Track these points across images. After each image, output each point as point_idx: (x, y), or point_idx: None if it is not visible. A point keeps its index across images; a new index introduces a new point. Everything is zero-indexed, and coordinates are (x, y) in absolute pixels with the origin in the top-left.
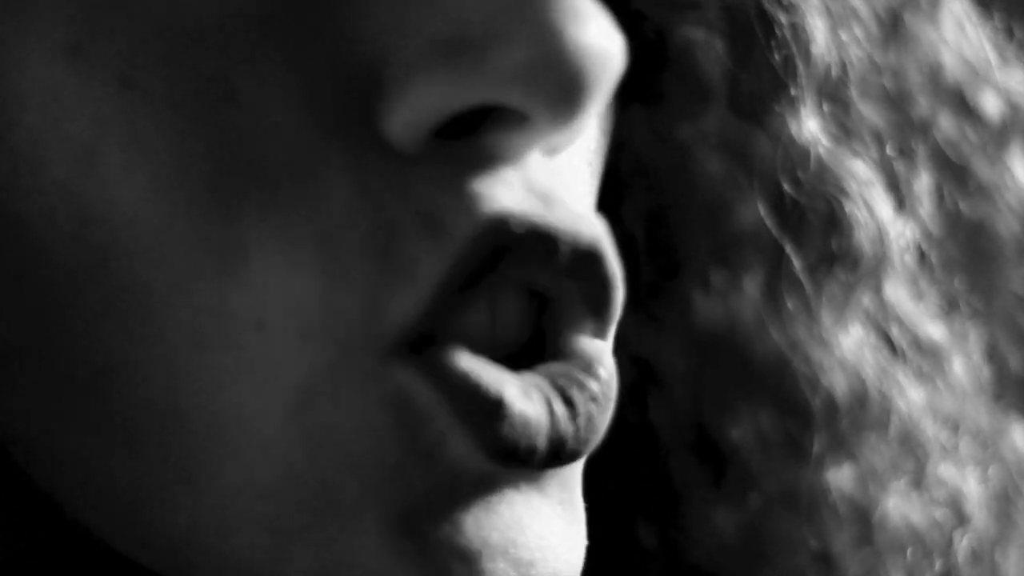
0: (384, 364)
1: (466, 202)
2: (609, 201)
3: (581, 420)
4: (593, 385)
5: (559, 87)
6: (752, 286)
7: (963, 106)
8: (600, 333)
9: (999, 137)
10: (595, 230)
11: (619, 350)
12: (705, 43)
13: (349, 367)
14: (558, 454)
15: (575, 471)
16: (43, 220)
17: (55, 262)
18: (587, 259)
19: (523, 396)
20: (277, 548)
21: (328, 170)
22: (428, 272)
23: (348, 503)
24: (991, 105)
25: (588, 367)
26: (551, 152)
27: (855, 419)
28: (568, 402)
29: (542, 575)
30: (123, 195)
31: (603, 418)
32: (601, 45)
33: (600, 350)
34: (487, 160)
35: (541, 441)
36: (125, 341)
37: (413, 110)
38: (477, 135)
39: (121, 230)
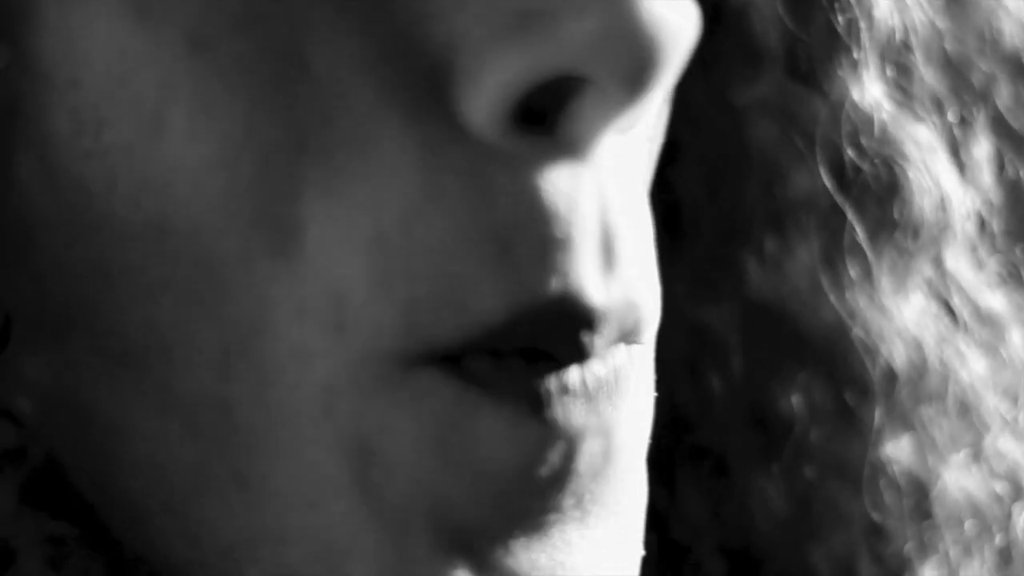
0: (410, 373)
1: (542, 254)
2: (664, 164)
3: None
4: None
5: (634, 57)
6: (808, 253)
7: (1022, 72)
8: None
9: None
10: (635, 316)
11: (674, 320)
12: (763, 5)
13: (375, 370)
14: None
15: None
16: (103, 184)
17: (113, 228)
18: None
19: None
20: (333, 562)
21: (398, 153)
22: (482, 309)
23: (394, 516)
24: None
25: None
26: (622, 132)
27: (914, 390)
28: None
29: None
30: (187, 162)
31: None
32: (675, 15)
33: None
34: (567, 156)
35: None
36: (181, 317)
37: (488, 88)
38: (554, 120)
39: (182, 199)
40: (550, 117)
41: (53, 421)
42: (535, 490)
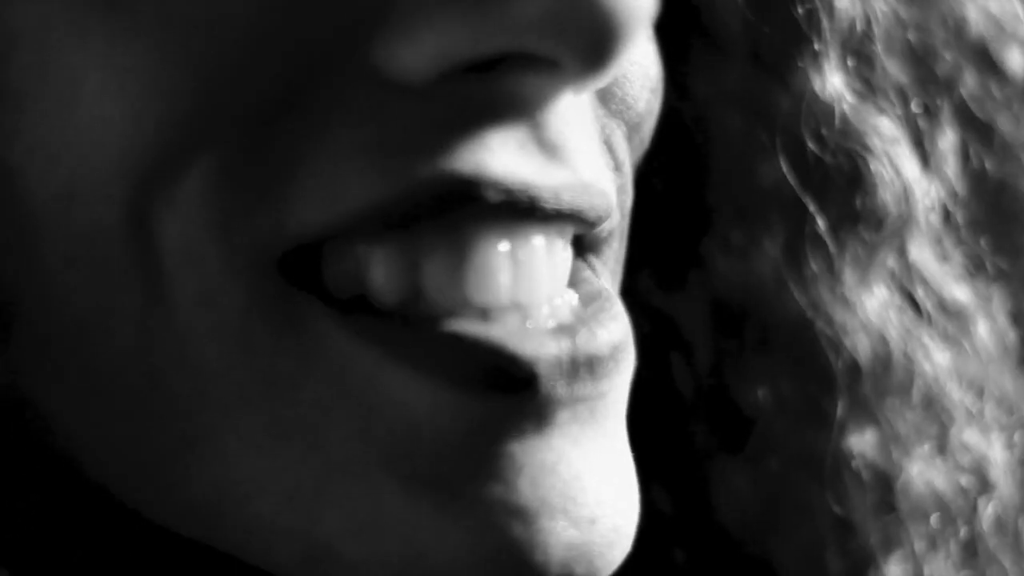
0: (294, 294)
1: (443, 152)
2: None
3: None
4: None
5: (590, 34)
6: (773, 246)
7: (988, 62)
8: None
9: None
10: (589, 200)
11: (641, 310)
12: (729, 4)
13: (267, 298)
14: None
15: (620, 415)
16: (23, 161)
17: (30, 208)
18: (568, 219)
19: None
20: (300, 509)
21: (300, 97)
22: (352, 195)
23: (347, 457)
24: (1016, 61)
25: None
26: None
27: (878, 382)
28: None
29: (603, 531)
30: (97, 124)
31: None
32: None
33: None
34: (501, 105)
35: (547, 352)
36: (93, 294)
37: (422, 50)
38: (498, 73)
39: (90, 163)
40: (494, 70)
41: (26, 414)
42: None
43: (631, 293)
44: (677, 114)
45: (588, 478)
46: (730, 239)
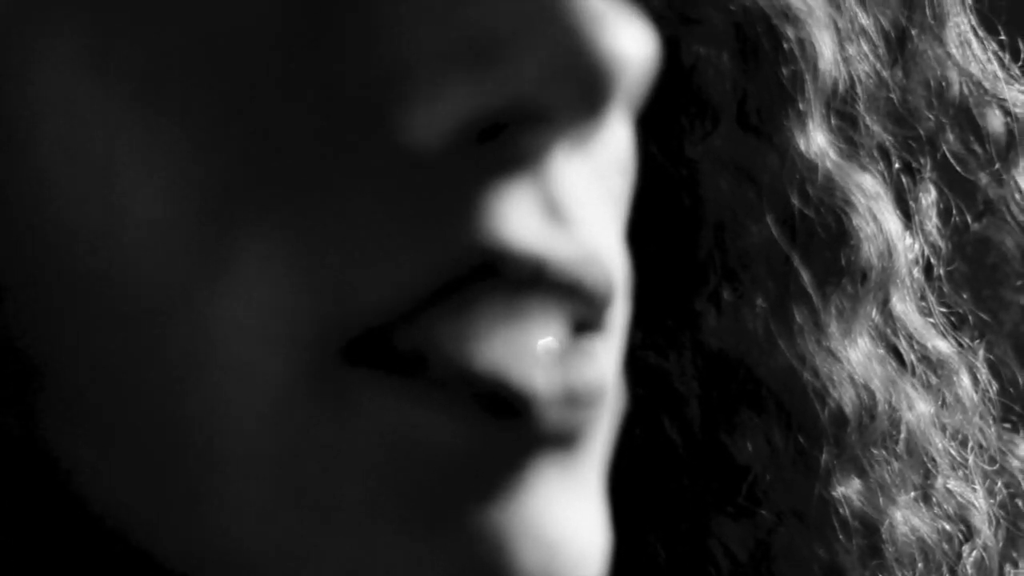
0: (350, 372)
1: (469, 219)
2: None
3: (581, 369)
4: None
5: (585, 84)
6: (761, 301)
7: (969, 122)
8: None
9: (1005, 152)
10: (596, 270)
11: (633, 366)
12: (713, 58)
13: (317, 374)
14: (566, 394)
15: (596, 459)
16: (57, 237)
17: (67, 277)
18: (570, 292)
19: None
20: (295, 560)
21: (332, 174)
22: (407, 276)
23: (353, 515)
24: (997, 121)
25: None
26: (583, 154)
27: (864, 432)
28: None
29: (569, 555)
30: (137, 207)
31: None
32: (623, 42)
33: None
34: (508, 163)
35: (539, 385)
36: (131, 357)
37: (434, 115)
38: (504, 134)
39: (130, 243)
40: (500, 135)
41: (27, 472)
42: (495, 472)
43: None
44: (666, 174)
45: (556, 506)
46: (721, 296)
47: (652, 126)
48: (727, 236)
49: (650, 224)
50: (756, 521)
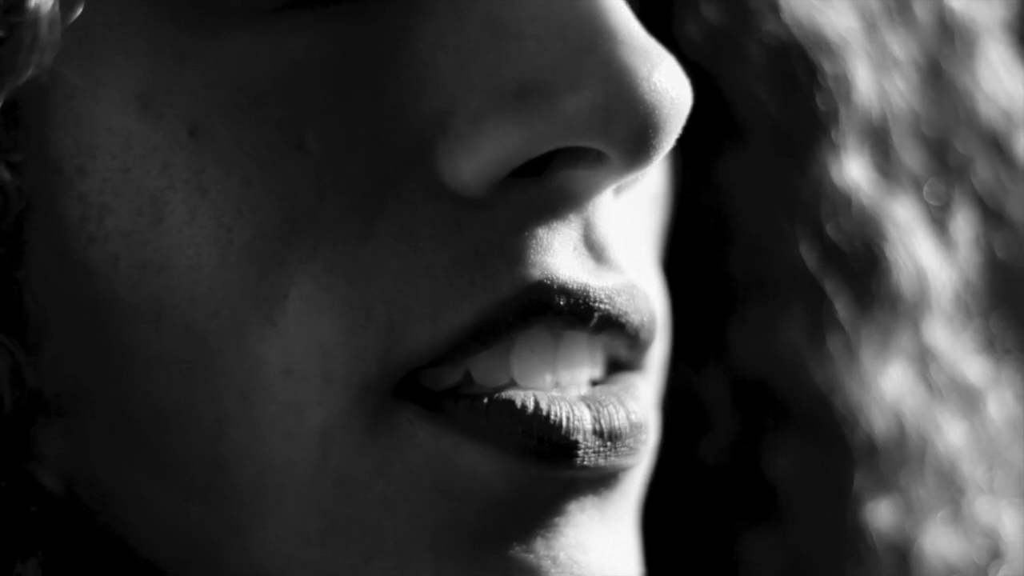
0: (396, 409)
1: (515, 260)
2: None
3: (623, 410)
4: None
5: (636, 127)
6: (792, 326)
7: (998, 149)
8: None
9: None
10: (641, 303)
11: (667, 388)
12: (748, 86)
13: (364, 411)
14: (608, 436)
15: (632, 494)
16: (106, 268)
17: (114, 310)
18: (616, 328)
19: (551, 401)
20: None
21: (379, 218)
22: (452, 319)
23: (394, 543)
24: None
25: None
26: (619, 190)
27: (893, 457)
28: (605, 404)
29: None
30: (185, 243)
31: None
32: (672, 84)
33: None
34: (555, 203)
35: (585, 428)
36: (177, 391)
37: (482, 159)
38: (550, 172)
39: (180, 279)
40: (546, 170)
41: (81, 493)
42: (534, 507)
43: None
44: (699, 199)
45: (591, 543)
46: (749, 319)
47: (684, 148)
48: (757, 260)
49: (680, 247)
50: (785, 538)
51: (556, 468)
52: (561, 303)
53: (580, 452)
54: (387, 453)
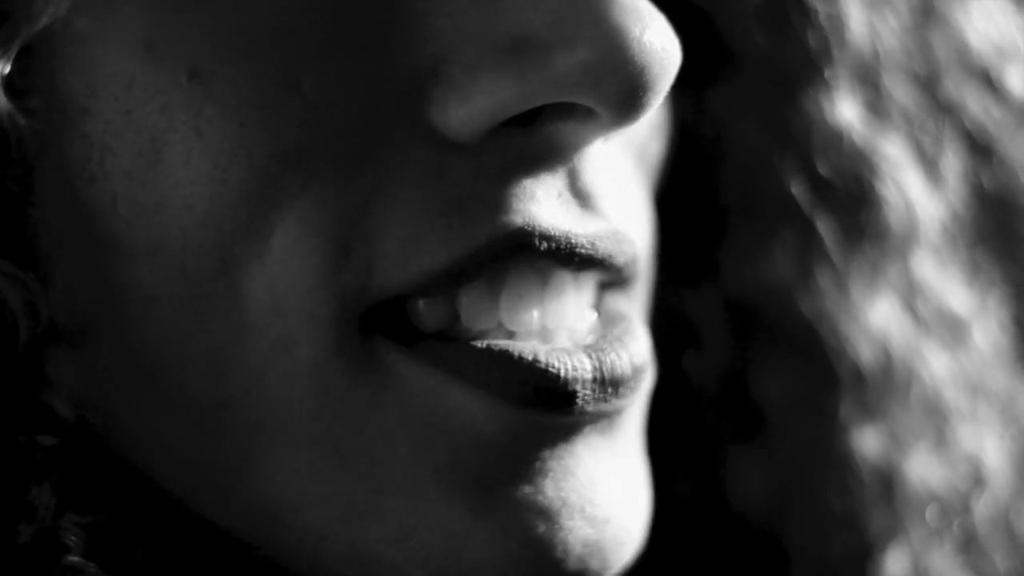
0: (376, 343)
1: (497, 208)
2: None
3: (625, 354)
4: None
5: (626, 85)
6: (782, 254)
7: (989, 85)
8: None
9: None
10: (626, 247)
11: (656, 309)
12: (743, 26)
13: (348, 347)
14: (610, 383)
15: (636, 424)
16: (106, 207)
17: (114, 248)
18: (600, 266)
19: (549, 354)
20: (350, 522)
21: (368, 161)
22: (423, 261)
23: (401, 477)
24: (1016, 83)
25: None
26: (607, 140)
27: (880, 387)
28: (606, 351)
29: (615, 530)
30: (182, 183)
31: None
32: (662, 44)
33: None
34: (543, 154)
35: (585, 378)
36: (173, 330)
37: (474, 108)
38: (539, 124)
39: (174, 219)
40: (536, 121)
41: (92, 421)
42: (537, 450)
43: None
44: (692, 127)
45: (603, 482)
46: (740, 245)
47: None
48: (747, 189)
49: (673, 173)
50: (771, 460)
51: (553, 415)
52: (542, 247)
53: (579, 400)
54: (376, 387)
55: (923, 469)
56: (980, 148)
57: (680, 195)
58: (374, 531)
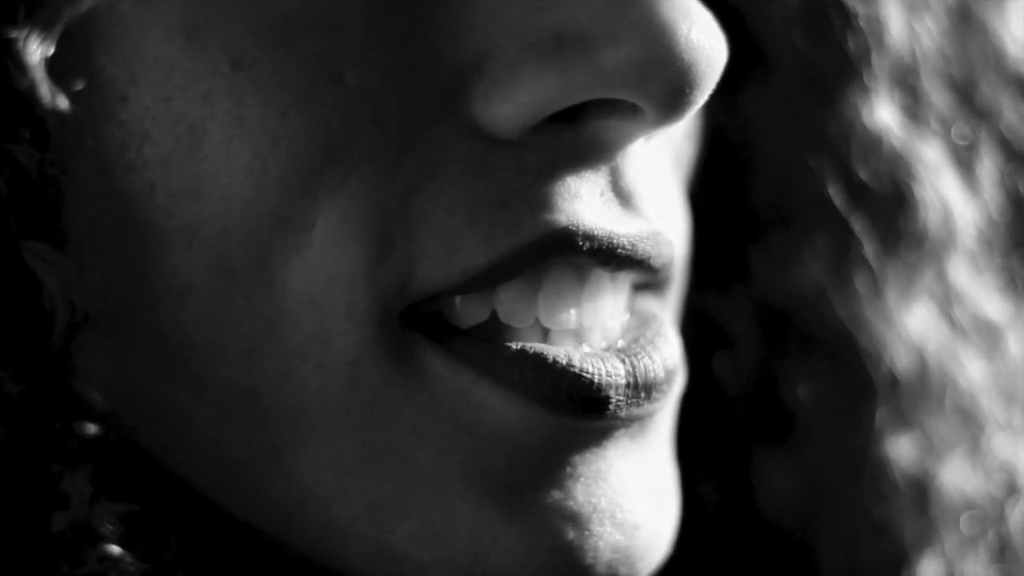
0: (411, 339)
1: (540, 206)
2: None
3: (658, 358)
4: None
5: (673, 83)
6: (815, 259)
7: None
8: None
9: None
10: (658, 250)
11: (687, 312)
12: (780, 28)
13: (385, 342)
14: (643, 388)
15: (667, 428)
16: (143, 194)
17: (150, 237)
18: (638, 267)
19: (584, 359)
20: (377, 519)
21: (409, 154)
22: (465, 259)
23: (430, 475)
24: None
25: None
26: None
27: (915, 393)
28: (639, 356)
29: (645, 537)
30: (220, 173)
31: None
32: (710, 41)
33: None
34: (586, 151)
35: (618, 384)
36: (205, 318)
37: (517, 103)
38: (583, 121)
39: (212, 208)
40: (580, 118)
41: (121, 411)
42: (568, 455)
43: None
44: (726, 129)
45: (634, 488)
46: (772, 249)
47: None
48: (781, 192)
49: (706, 175)
50: (803, 464)
51: (586, 419)
52: (584, 247)
53: (612, 406)
54: (409, 384)
55: (958, 477)
56: (1015, 154)
57: (711, 198)
58: (400, 529)
